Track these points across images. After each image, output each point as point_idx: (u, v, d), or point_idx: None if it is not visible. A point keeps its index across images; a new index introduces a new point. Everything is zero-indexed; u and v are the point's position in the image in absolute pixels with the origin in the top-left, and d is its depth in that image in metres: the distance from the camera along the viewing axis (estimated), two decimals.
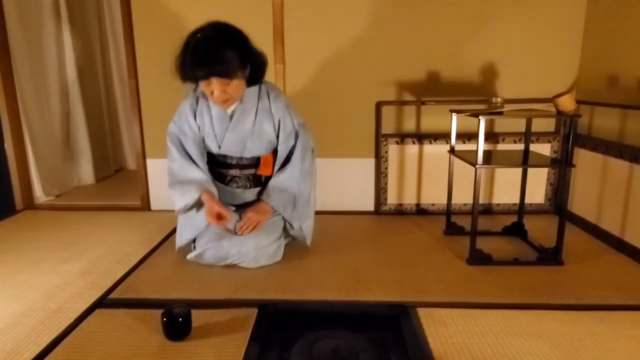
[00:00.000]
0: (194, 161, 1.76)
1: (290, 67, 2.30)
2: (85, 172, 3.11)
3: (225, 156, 1.82)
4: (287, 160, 1.81)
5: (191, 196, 1.70)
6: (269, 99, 1.78)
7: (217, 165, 1.84)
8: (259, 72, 1.70)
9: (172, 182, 1.76)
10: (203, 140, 1.80)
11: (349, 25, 2.30)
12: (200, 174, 1.74)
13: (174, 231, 2.19)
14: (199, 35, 1.55)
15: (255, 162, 1.83)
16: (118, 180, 3.29)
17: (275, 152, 1.86)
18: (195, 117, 1.77)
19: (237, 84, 1.61)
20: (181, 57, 1.57)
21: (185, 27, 1.62)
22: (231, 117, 1.76)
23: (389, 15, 2.28)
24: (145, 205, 2.55)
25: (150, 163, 2.51)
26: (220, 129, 1.76)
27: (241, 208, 1.83)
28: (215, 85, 1.58)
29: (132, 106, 2.46)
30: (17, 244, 2.04)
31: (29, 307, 1.47)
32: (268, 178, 1.85)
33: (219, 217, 1.66)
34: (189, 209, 1.75)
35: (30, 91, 2.60)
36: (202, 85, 1.62)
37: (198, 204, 1.73)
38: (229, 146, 1.78)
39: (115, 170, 3.52)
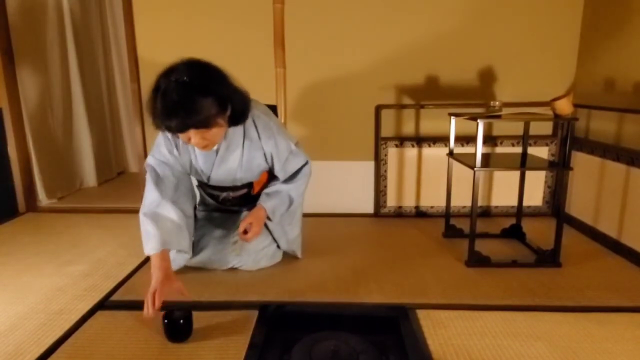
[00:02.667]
0: (169, 197, 1.55)
1: (290, 71, 2.31)
2: (88, 174, 3.13)
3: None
4: (293, 175, 1.74)
5: (148, 246, 1.46)
6: (257, 129, 1.61)
7: (209, 187, 1.76)
8: (241, 112, 1.51)
9: (146, 218, 1.50)
10: (188, 173, 1.68)
11: (349, 29, 2.32)
12: (174, 222, 1.50)
13: None
14: (170, 79, 1.32)
15: (248, 184, 1.76)
16: (120, 183, 3.31)
17: (268, 171, 1.77)
18: (178, 149, 1.60)
19: (216, 129, 1.43)
20: (152, 102, 1.35)
21: (187, 31, 1.62)
22: (217, 151, 1.61)
23: (389, 19, 2.30)
24: None
25: None
26: (206, 165, 1.63)
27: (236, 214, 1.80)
28: (192, 134, 1.39)
29: (134, 109, 2.48)
30: (19, 246, 2.06)
31: (31, 309, 1.48)
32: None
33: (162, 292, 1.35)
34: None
35: (33, 94, 2.62)
36: (179, 135, 1.45)
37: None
38: (218, 179, 1.68)
39: (118, 173, 3.53)
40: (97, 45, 3.26)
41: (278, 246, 1.83)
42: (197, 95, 1.33)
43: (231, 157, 1.62)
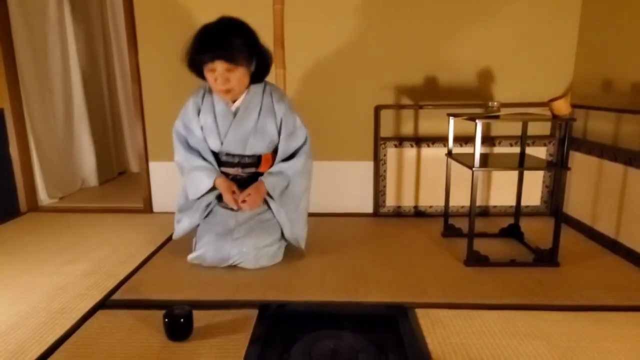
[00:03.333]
0: (199, 154, 1.84)
1: (290, 72, 2.32)
2: (89, 174, 3.14)
3: (227, 154, 1.85)
4: (292, 155, 1.86)
5: (205, 183, 1.79)
6: (272, 97, 1.83)
7: (220, 165, 1.87)
8: (264, 68, 1.76)
9: (183, 173, 1.86)
10: (205, 140, 1.85)
11: (348, 30, 2.33)
12: (206, 163, 1.82)
13: None
14: (210, 23, 1.65)
15: (257, 160, 1.86)
16: (121, 183, 3.32)
17: (275, 150, 1.88)
18: (199, 114, 1.82)
19: (240, 73, 1.66)
20: (191, 42, 1.66)
21: (187, 31, 1.65)
22: (235, 114, 1.80)
23: (388, 20, 2.31)
24: (148, 208, 2.57)
25: (153, 166, 2.53)
26: (223, 125, 1.80)
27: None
28: (219, 71, 1.63)
29: (135, 109, 2.49)
30: (21, 245, 2.07)
31: (32, 308, 1.49)
32: None
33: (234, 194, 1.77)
34: (203, 195, 1.82)
35: (35, 95, 2.63)
36: (207, 72, 1.67)
37: (212, 189, 1.81)
38: (231, 143, 1.82)
39: (119, 173, 3.54)
40: (99, 45, 3.27)
41: (279, 246, 1.84)
42: (232, 33, 1.62)
43: (248, 119, 1.79)
